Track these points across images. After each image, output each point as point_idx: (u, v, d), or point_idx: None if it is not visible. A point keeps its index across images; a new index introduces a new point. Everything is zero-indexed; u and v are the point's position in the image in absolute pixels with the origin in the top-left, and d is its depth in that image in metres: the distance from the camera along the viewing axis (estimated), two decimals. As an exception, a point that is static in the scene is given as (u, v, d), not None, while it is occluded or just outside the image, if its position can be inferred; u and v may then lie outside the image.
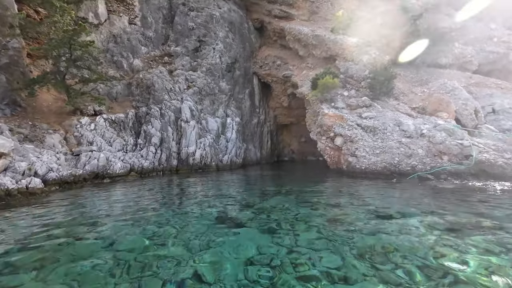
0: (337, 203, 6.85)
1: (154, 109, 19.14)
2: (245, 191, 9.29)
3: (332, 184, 10.17)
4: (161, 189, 10.76)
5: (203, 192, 9.49)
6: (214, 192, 9.32)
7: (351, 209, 6.38)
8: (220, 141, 21.17)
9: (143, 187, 11.45)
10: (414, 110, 15.05)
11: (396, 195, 7.80)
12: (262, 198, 7.86)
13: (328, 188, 9.37)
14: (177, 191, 10.00)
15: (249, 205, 6.95)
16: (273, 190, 9.13)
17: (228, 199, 8.06)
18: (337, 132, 12.96)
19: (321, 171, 14.91)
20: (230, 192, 9.37)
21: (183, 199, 8.28)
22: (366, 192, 8.41)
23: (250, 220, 5.61)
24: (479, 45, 25.32)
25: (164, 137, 18.50)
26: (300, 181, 11.24)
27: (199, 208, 6.90)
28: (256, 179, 13.07)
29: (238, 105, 25.01)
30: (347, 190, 8.75)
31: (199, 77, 22.61)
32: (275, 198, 7.79)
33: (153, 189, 10.74)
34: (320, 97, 16.33)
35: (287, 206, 6.68)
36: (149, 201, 8.05)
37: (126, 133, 18.12)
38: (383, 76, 15.63)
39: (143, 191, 10.31)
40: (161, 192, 9.77)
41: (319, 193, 8.47)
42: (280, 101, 28.84)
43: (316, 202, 7.17)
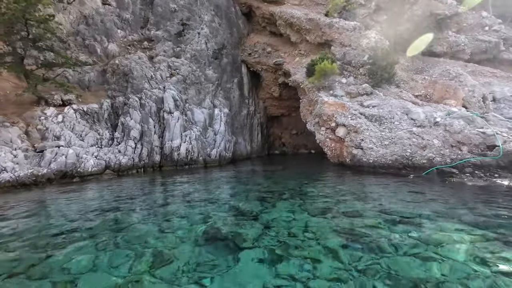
0: (354, 211, 5.51)
1: (133, 99, 17.13)
2: (239, 194, 7.80)
3: (339, 182, 8.84)
4: (139, 191, 9.08)
5: (189, 195, 7.92)
6: (202, 196, 7.77)
7: (373, 218, 5.06)
8: (207, 134, 19.47)
9: (118, 188, 9.73)
10: (418, 97, 13.98)
11: (426, 197, 6.49)
12: (261, 204, 6.41)
13: (335, 187, 8.04)
14: (158, 194, 8.35)
15: (247, 216, 5.50)
16: (273, 192, 7.68)
17: (220, 205, 6.56)
18: (339, 122, 11.65)
19: (320, 166, 13.65)
20: (221, 195, 7.85)
21: (164, 207, 6.69)
22: (384, 193, 7.10)
23: (251, 239, 4.16)
24: (471, 34, 24.69)
25: (144, 130, 16.61)
26: (300, 179, 9.87)
27: (183, 221, 5.37)
28: (249, 177, 11.60)
29: (226, 95, 23.27)
30: (360, 190, 7.44)
31: (183, 64, 20.64)
32: (277, 204, 6.37)
33: (128, 192, 9.03)
34: (317, 84, 14.94)
35: (295, 217, 5.28)
36: (119, 212, 6.40)
37: (101, 126, 16.08)
38: (385, 61, 14.40)
39: (116, 194, 8.61)
40: (137, 196, 8.08)
41: (327, 195, 7.10)
42: (271, 91, 27.31)
43: (327, 209, 5.80)
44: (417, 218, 4.93)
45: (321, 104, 13.03)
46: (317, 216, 5.38)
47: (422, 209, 5.47)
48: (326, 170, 11.76)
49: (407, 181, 8.23)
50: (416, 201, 6.19)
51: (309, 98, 16.13)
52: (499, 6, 29.59)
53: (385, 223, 4.75)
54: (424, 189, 7.17)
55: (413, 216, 5.10)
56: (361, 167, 10.33)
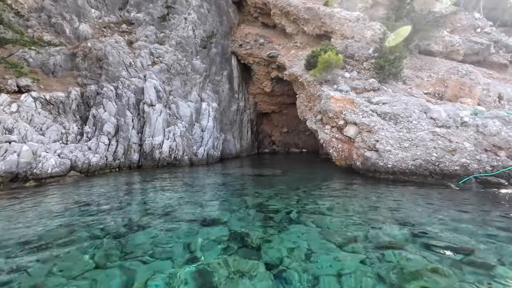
0: (392, 242, 3.99)
1: (108, 88, 14.81)
2: (233, 209, 6.08)
3: (357, 193, 7.33)
4: (100, 202, 7.10)
5: (168, 210, 6.09)
6: (185, 211, 6.00)
7: (422, 253, 3.56)
8: (194, 130, 17.47)
9: (74, 197, 7.67)
10: (429, 95, 12.80)
11: (486, 219, 5.09)
12: (264, 227, 4.82)
13: (354, 200, 6.52)
14: (127, 208, 6.42)
15: (248, 246, 3.84)
16: (277, 209, 6.03)
17: (208, 228, 4.84)
18: (349, 119, 10.18)
19: (324, 170, 12.16)
20: (211, 210, 6.08)
21: (129, 234, 4.81)
22: (421, 209, 5.63)
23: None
24: (464, 35, 24.33)
25: (121, 124, 14.38)
26: (306, 187, 8.31)
27: (155, 263, 3.55)
28: (242, 181, 9.87)
29: (215, 89, 21.30)
30: (389, 206, 5.95)
31: (168, 52, 18.44)
32: (286, 228, 4.79)
33: (85, 201, 7.03)
34: (319, 78, 13.43)
35: (313, 250, 3.71)
36: (60, 240, 4.46)
37: (68, 118, 13.67)
38: (393, 54, 13.12)
39: (63, 206, 6.59)
40: (94, 213, 6.10)
41: (347, 213, 5.57)
42: (262, 86, 25.61)
43: (354, 237, 4.27)
44: (489, 255, 3.47)
45: (326, 99, 11.52)
46: (344, 248, 3.83)
47: (489, 239, 4.03)
48: (333, 176, 10.27)
49: (442, 191, 6.88)
50: (474, 224, 4.77)
51: (308, 93, 14.59)
52: (487, 8, 29.64)
53: (446, 265, 3.25)
54: (476, 205, 5.81)
55: (480, 250, 3.63)
56: (376, 172, 8.92)
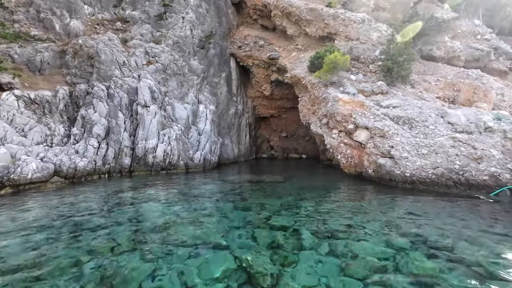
0: (426, 275, 3.21)
1: (99, 88, 13.86)
2: (235, 228, 5.22)
3: (373, 208, 6.50)
4: (87, 216, 6.16)
5: (161, 229, 5.21)
6: (180, 231, 5.14)
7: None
8: (190, 133, 16.55)
9: (54, 213, 6.72)
10: (438, 100, 12.17)
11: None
12: (271, 252, 4.09)
13: (370, 216, 5.72)
14: (114, 226, 5.48)
15: (254, 285, 3.02)
16: (285, 226, 5.22)
17: (207, 255, 4.02)
18: (360, 123, 9.43)
19: (330, 177, 11.35)
20: (209, 230, 5.16)
21: (118, 256, 3.92)
22: (458, 228, 4.85)
23: None
24: (464, 41, 24.10)
25: (112, 126, 13.41)
26: (313, 198, 7.52)
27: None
28: (242, 190, 8.98)
29: (212, 91, 20.48)
30: (412, 224, 5.16)
31: (164, 52, 17.61)
32: (298, 257, 4.02)
33: (65, 218, 6.07)
34: (325, 80, 12.72)
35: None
36: (26, 273, 3.53)
37: (54, 119, 12.66)
38: (402, 56, 12.50)
39: (42, 228, 5.62)
40: (76, 231, 5.15)
41: (365, 234, 4.80)
42: (261, 89, 24.90)
43: (379, 269, 3.49)
44: None
45: (334, 101, 10.78)
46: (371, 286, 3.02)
47: None
48: (343, 185, 9.46)
49: (471, 205, 6.12)
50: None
51: (312, 95, 13.86)
52: (486, 15, 29.64)
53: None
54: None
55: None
56: (392, 182, 8.13)
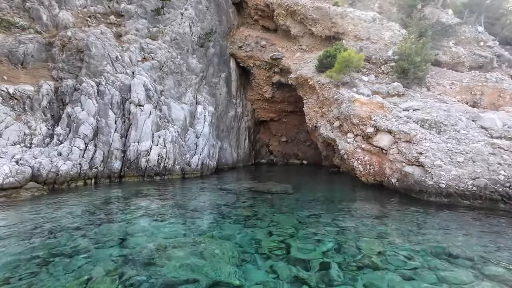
0: None
1: (88, 84, 12.61)
2: (245, 259, 4.04)
3: (407, 227, 5.42)
4: (63, 239, 4.91)
5: (151, 259, 3.95)
6: (175, 261, 3.88)
7: None
8: (187, 136, 15.34)
9: (21, 233, 5.46)
10: (458, 103, 11.27)
11: None
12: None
13: (407, 238, 4.64)
14: (94, 255, 4.23)
15: None
16: (306, 258, 4.09)
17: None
18: (382, 126, 8.41)
19: (343, 185, 10.28)
20: (213, 260, 3.86)
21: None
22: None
23: None
24: (468, 47, 23.63)
25: (101, 126, 12.13)
26: (330, 212, 6.46)
27: None
28: (248, 203, 7.76)
29: (212, 91, 19.36)
30: (464, 254, 4.09)
31: (161, 48, 16.48)
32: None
33: (34, 242, 4.80)
34: (336, 80, 11.75)
35: None
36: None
37: (35, 117, 11.33)
38: (419, 56, 11.63)
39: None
40: (43, 265, 3.89)
41: (407, 266, 3.73)
42: (262, 91, 23.88)
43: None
44: None
45: (349, 102, 9.77)
46: None
47: None
48: (360, 195, 8.37)
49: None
50: None
51: (321, 97, 12.86)
52: (488, 22, 29.47)
53: None
54: None
55: None
56: (423, 193, 7.08)
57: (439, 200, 6.80)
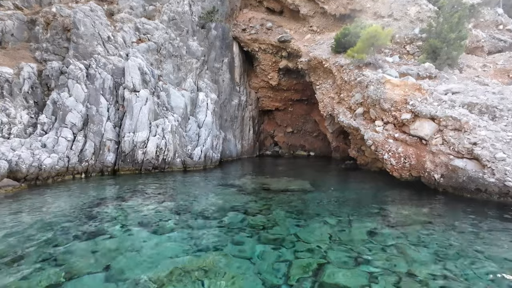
0: None
1: (76, 66, 11.15)
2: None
3: (480, 244, 4.12)
4: (33, 256, 3.63)
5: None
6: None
7: None
8: (188, 125, 13.96)
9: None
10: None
11: None
12: None
13: (480, 258, 3.40)
14: (75, 284, 2.94)
15: None
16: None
17: None
18: (422, 111, 7.03)
19: (367, 181, 8.99)
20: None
21: None
22: None
23: None
24: (487, 31, 21.85)
25: (91, 114, 10.74)
26: (371, 219, 5.18)
27: None
28: (262, 205, 6.40)
29: (214, 78, 17.86)
30: None
31: (158, 29, 14.88)
32: None
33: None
34: (359, 60, 10.27)
35: None
36: None
37: (15, 103, 9.93)
38: (453, 33, 10.12)
39: None
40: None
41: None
42: (267, 78, 22.31)
43: None
44: None
45: (378, 84, 8.36)
46: None
47: None
48: (394, 193, 7.10)
49: None
50: None
51: (339, 80, 11.40)
52: (507, 5, 27.57)
53: None
54: None
55: None
56: (480, 192, 5.78)
57: (504, 200, 5.52)
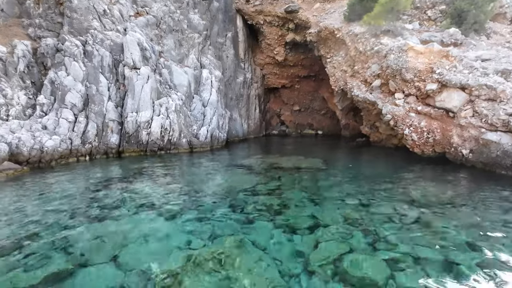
0: None
1: (72, 43, 10.50)
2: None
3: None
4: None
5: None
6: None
7: None
8: (193, 104, 13.41)
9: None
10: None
11: None
12: None
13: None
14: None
15: None
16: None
17: None
18: (451, 80, 6.34)
19: (381, 158, 8.53)
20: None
21: None
22: None
23: None
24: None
25: (91, 94, 10.26)
26: (394, 199, 4.63)
27: None
28: (276, 185, 5.93)
29: (217, 53, 16.98)
30: None
31: (156, 1, 13.91)
32: None
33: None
34: (377, 27, 9.36)
35: None
36: None
37: (11, 84, 9.47)
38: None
39: None
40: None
41: None
42: (273, 53, 21.22)
43: None
44: None
45: (400, 52, 7.59)
46: None
47: None
48: (415, 170, 6.62)
49: None
50: None
51: (353, 51, 10.55)
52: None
53: None
54: None
55: None
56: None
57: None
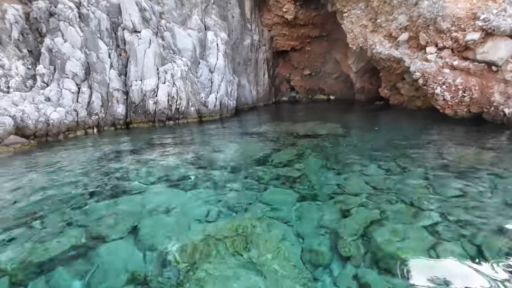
0: None
1: (65, 5, 9.62)
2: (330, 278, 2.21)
3: None
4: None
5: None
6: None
7: None
8: (199, 70, 12.64)
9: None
10: None
11: None
12: None
13: None
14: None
15: None
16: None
17: None
18: (499, 27, 5.41)
19: (404, 119, 7.90)
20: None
21: None
22: None
23: None
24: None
25: (92, 62, 9.64)
26: (428, 166, 4.11)
27: None
28: (291, 155, 5.46)
29: (222, 13, 15.63)
30: None
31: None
32: None
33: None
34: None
35: None
36: None
37: (7, 53, 8.93)
38: None
39: None
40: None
41: None
42: (282, 11, 19.47)
43: None
44: None
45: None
46: None
47: None
48: (447, 134, 6.02)
49: None
50: None
51: (375, 2, 9.30)
52: None
53: None
54: None
55: None
56: None
57: None
